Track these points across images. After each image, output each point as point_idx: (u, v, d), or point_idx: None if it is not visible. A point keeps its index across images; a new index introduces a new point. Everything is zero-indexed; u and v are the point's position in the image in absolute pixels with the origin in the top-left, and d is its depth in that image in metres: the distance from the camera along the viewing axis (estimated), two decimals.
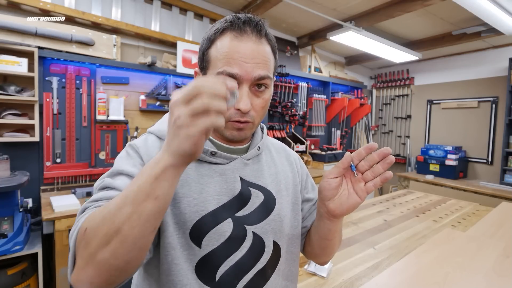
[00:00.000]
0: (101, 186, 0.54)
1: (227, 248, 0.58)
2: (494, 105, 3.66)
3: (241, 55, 0.54)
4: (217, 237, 0.57)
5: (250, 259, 0.60)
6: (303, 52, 4.06)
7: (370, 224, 1.68)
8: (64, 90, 2.23)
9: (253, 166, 0.65)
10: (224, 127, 0.56)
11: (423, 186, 3.71)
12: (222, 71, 0.54)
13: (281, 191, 0.68)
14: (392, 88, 4.79)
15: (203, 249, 0.56)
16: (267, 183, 0.66)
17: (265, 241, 0.62)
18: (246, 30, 0.55)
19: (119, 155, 0.60)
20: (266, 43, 0.58)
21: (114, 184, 0.52)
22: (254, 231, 0.61)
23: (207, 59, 0.57)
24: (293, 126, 3.70)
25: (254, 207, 0.62)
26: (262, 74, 0.56)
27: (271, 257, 0.63)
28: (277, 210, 0.65)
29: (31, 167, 2.11)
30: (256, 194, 0.63)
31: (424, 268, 1.11)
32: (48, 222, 1.72)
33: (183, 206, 0.56)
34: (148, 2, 2.67)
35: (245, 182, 0.63)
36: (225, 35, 0.56)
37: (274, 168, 0.70)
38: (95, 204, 0.50)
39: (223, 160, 0.61)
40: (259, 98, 0.58)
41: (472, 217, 1.90)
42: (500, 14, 2.32)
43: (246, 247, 0.60)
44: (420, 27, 3.28)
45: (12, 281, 1.66)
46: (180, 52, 2.68)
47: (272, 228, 0.64)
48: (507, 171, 3.38)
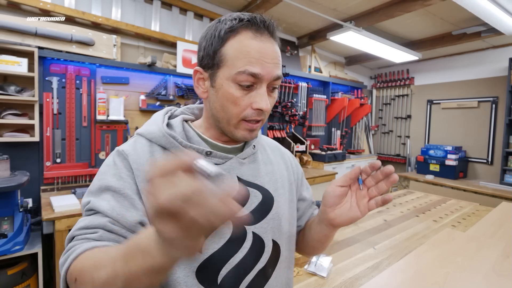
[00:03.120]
0: (87, 207, 0.53)
1: (228, 249, 0.58)
2: (494, 105, 3.67)
3: (263, 55, 0.54)
4: (217, 239, 0.57)
5: (250, 259, 0.60)
6: (303, 52, 4.06)
7: (370, 224, 1.68)
8: (64, 90, 2.23)
9: (250, 165, 0.65)
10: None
11: (423, 186, 3.71)
12: (243, 70, 0.53)
13: (278, 190, 0.68)
14: (392, 88, 4.79)
15: (203, 252, 0.56)
16: (264, 182, 0.65)
17: (264, 240, 0.62)
18: (264, 30, 0.55)
19: (106, 163, 0.58)
20: (277, 44, 0.58)
21: (100, 207, 0.51)
22: (254, 231, 0.61)
23: (220, 58, 0.55)
24: (293, 126, 3.70)
25: (253, 206, 0.62)
26: (279, 74, 0.57)
27: (271, 256, 0.63)
28: (276, 209, 0.65)
29: (31, 167, 2.11)
30: (254, 193, 0.63)
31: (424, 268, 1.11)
32: (48, 222, 1.72)
33: None
34: (148, 2, 2.67)
35: (243, 181, 0.62)
36: (241, 33, 0.54)
37: (271, 166, 0.70)
38: (83, 233, 0.50)
39: (218, 160, 0.60)
40: (271, 98, 0.59)
41: (472, 217, 1.90)
42: (500, 14, 2.32)
43: (246, 248, 0.59)
44: (420, 27, 3.28)
45: (12, 281, 1.66)
46: (180, 52, 2.68)
47: (271, 227, 0.64)
48: (507, 171, 3.38)
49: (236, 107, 0.56)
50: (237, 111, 0.56)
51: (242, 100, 0.55)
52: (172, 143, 0.58)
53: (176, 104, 2.78)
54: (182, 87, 2.76)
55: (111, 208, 0.51)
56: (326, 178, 3.30)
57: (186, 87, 2.76)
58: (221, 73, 0.55)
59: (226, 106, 0.56)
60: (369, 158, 4.39)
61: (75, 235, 0.50)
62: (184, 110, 0.70)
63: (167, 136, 0.58)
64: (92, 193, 0.55)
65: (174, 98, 2.74)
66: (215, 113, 0.59)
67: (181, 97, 2.81)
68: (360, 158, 4.26)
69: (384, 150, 4.90)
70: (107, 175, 0.55)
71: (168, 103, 2.73)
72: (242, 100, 0.55)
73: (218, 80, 0.56)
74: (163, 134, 0.58)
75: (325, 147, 4.04)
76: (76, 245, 0.48)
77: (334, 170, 3.61)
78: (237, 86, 0.55)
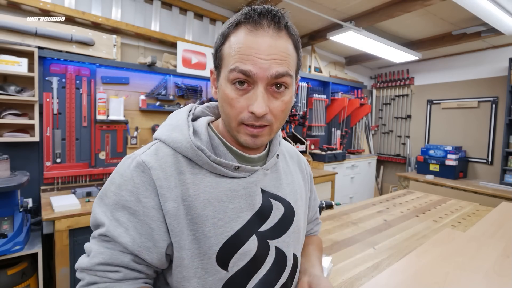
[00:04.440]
0: (103, 232, 0.50)
1: (252, 266, 0.55)
2: (494, 105, 3.66)
3: (255, 51, 0.48)
4: (243, 256, 0.54)
5: (274, 274, 0.58)
6: (303, 52, 4.06)
7: (370, 224, 1.68)
8: (64, 90, 2.23)
9: (272, 175, 0.62)
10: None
11: (423, 186, 3.71)
12: (234, 67, 0.49)
13: (297, 201, 0.65)
14: (392, 88, 4.79)
15: (230, 271, 0.53)
16: (286, 194, 0.63)
17: (286, 254, 0.60)
18: (263, 23, 0.49)
19: (122, 173, 0.52)
20: (286, 36, 0.51)
21: (119, 238, 0.49)
22: (277, 245, 0.59)
23: (220, 57, 0.53)
24: (293, 126, 3.70)
25: (276, 220, 0.59)
26: (281, 71, 0.49)
27: (291, 270, 0.62)
28: (296, 222, 0.63)
29: (31, 167, 2.11)
30: (277, 206, 0.60)
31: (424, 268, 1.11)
32: (48, 222, 1.72)
33: (208, 230, 0.51)
34: (148, 2, 2.67)
35: (266, 193, 0.59)
36: (239, 29, 0.50)
37: (291, 176, 0.67)
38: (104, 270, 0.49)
39: (245, 174, 0.56)
40: (277, 100, 0.52)
41: (472, 217, 1.90)
42: (500, 14, 2.32)
43: (269, 263, 0.57)
44: (420, 27, 3.28)
45: (12, 281, 1.66)
46: (180, 52, 2.68)
47: (292, 241, 0.62)
48: (507, 171, 3.38)
49: (232, 109, 0.51)
50: (234, 113, 0.51)
51: (237, 102, 0.50)
52: (200, 156, 0.53)
53: (176, 104, 2.78)
54: (182, 87, 2.76)
55: (131, 240, 0.49)
56: (326, 178, 3.30)
57: (186, 87, 2.76)
58: (222, 73, 0.53)
59: (225, 107, 0.53)
60: (369, 158, 4.39)
61: (96, 270, 0.49)
62: (204, 109, 0.64)
63: (195, 148, 0.52)
64: (107, 206, 0.51)
65: (174, 98, 2.74)
66: (222, 115, 0.57)
67: (181, 97, 2.81)
68: (360, 158, 4.26)
69: (384, 150, 4.90)
70: (124, 191, 0.50)
71: (168, 103, 2.73)
72: (237, 101, 0.50)
73: (220, 80, 0.54)
74: (191, 146, 0.52)
75: (325, 147, 4.04)
76: (100, 283, 0.49)
77: (334, 170, 3.61)
78: (232, 86, 0.51)
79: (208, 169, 0.54)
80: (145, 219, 0.49)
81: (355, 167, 4.13)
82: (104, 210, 0.51)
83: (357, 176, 4.17)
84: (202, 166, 0.54)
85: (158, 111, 2.66)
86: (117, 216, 0.50)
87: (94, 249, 0.50)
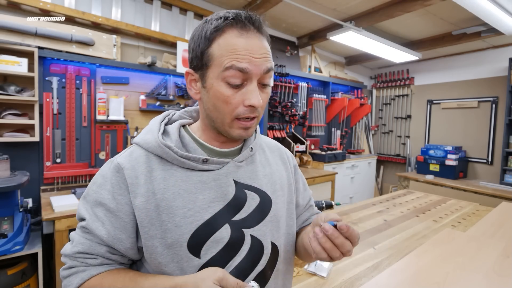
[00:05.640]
0: (84, 224, 0.58)
1: (226, 253, 0.58)
2: (494, 105, 3.67)
3: (249, 51, 0.54)
4: (215, 244, 0.57)
5: (249, 262, 0.60)
6: (303, 52, 4.06)
7: (370, 224, 1.68)
8: (64, 90, 2.23)
9: (247, 167, 0.64)
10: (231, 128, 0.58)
11: (423, 186, 3.71)
12: (230, 65, 0.53)
13: (276, 191, 0.67)
14: (392, 88, 4.79)
15: (202, 258, 0.56)
16: (262, 184, 0.65)
17: (263, 243, 0.62)
18: (249, 27, 0.55)
19: (103, 173, 0.59)
20: (265, 37, 0.58)
21: (96, 231, 0.56)
22: (252, 234, 0.61)
23: (208, 58, 0.56)
24: (293, 126, 3.70)
25: (251, 209, 0.62)
26: (269, 66, 0.57)
27: (269, 259, 0.63)
28: (274, 211, 0.65)
29: (31, 167, 2.11)
30: (252, 196, 0.63)
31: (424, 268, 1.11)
32: (48, 222, 1.72)
33: (178, 219, 0.56)
34: (148, 2, 2.67)
35: (240, 184, 0.62)
36: (227, 32, 0.54)
37: (269, 168, 0.69)
38: (84, 257, 0.57)
39: (215, 166, 0.60)
40: (263, 93, 0.58)
41: (472, 217, 1.90)
42: (500, 14, 2.32)
43: (244, 251, 0.59)
44: (420, 27, 3.28)
45: (12, 281, 1.66)
46: (180, 52, 2.68)
47: (269, 230, 0.63)
48: (507, 171, 3.39)
49: (228, 106, 0.56)
50: (229, 109, 0.56)
51: (233, 98, 0.55)
52: (168, 153, 0.58)
53: (176, 104, 2.78)
54: (182, 87, 2.76)
55: (107, 233, 0.56)
56: (326, 178, 3.30)
57: (186, 87, 2.76)
58: (211, 73, 0.56)
59: (218, 105, 0.56)
60: (369, 158, 4.39)
61: (76, 257, 0.57)
62: (182, 113, 0.70)
63: (162, 146, 0.57)
64: (88, 203, 0.59)
65: (174, 98, 2.74)
66: (209, 114, 0.59)
67: (181, 97, 2.81)
68: (360, 158, 4.26)
69: (384, 150, 4.90)
70: (103, 190, 0.58)
71: (168, 103, 2.73)
72: (233, 98, 0.55)
73: (208, 80, 0.56)
74: (159, 145, 0.58)
75: (325, 147, 4.04)
76: (79, 267, 0.57)
77: (334, 170, 3.61)
78: (226, 84, 0.55)
79: (178, 165, 0.59)
80: (119, 214, 0.56)
81: (355, 167, 4.13)
82: (86, 207, 0.59)
83: (357, 176, 4.17)
84: (172, 162, 0.58)
85: (158, 111, 2.66)
86: (96, 212, 0.57)
87: (76, 239, 0.58)
